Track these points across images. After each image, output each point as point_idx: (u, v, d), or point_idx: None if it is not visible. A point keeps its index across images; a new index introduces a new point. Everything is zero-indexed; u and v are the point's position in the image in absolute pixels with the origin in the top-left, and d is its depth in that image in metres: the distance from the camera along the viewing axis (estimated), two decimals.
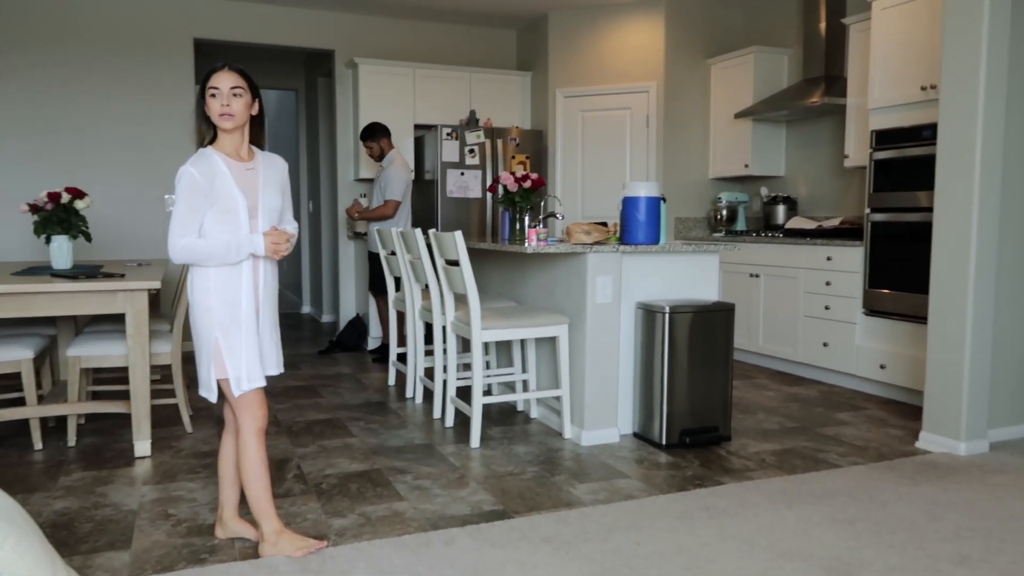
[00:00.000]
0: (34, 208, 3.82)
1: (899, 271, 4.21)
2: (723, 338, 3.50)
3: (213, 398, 2.28)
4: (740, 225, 5.91)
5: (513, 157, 6.16)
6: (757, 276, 5.21)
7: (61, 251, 3.86)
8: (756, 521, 2.58)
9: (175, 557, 2.35)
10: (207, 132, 2.29)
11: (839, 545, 2.39)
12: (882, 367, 4.33)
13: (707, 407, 3.49)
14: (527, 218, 4.38)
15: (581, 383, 3.51)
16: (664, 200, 3.60)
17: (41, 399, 3.82)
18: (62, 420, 3.82)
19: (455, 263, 3.48)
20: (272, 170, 2.38)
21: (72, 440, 3.55)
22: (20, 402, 3.58)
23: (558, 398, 3.69)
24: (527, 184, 4.25)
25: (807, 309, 4.83)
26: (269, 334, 2.37)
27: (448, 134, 6.00)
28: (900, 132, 4.22)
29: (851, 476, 3.04)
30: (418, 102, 6.31)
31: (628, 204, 3.51)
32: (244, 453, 2.30)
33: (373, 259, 5.51)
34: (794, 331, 4.94)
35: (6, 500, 1.65)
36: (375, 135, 5.50)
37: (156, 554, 2.37)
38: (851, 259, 4.51)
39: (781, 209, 5.60)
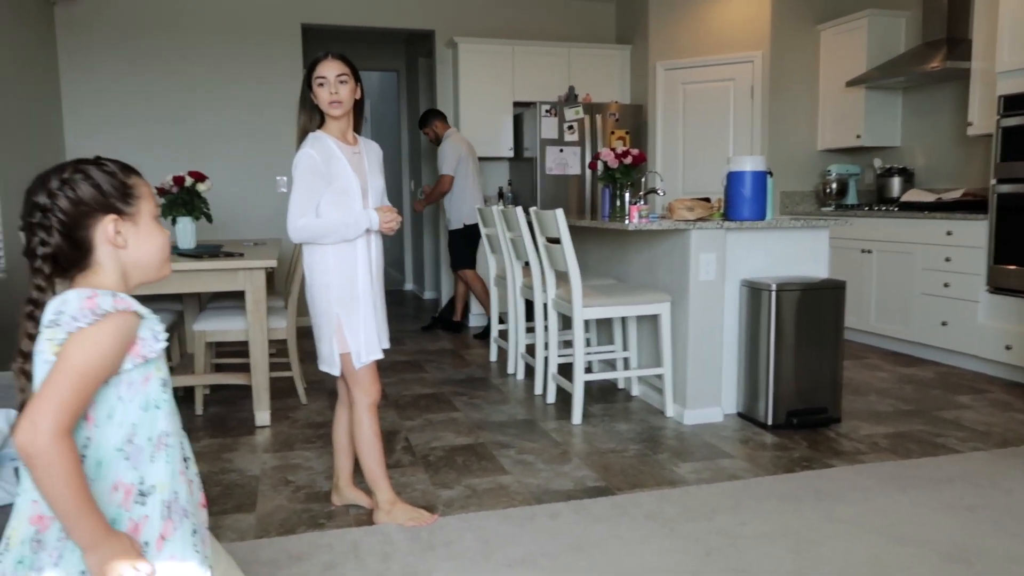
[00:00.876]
0: (161, 191, 4.09)
1: None
2: (833, 317, 3.39)
3: (336, 371, 2.39)
4: (851, 199, 5.66)
5: (612, 133, 6.10)
6: (869, 252, 4.99)
7: (186, 232, 4.12)
8: (867, 505, 2.50)
9: (295, 521, 2.50)
10: (311, 120, 2.38)
11: (957, 532, 2.30)
12: (1008, 348, 4.08)
13: (815, 387, 3.39)
14: (627, 195, 4.35)
15: (684, 361, 3.48)
16: (771, 174, 3.50)
17: (172, 370, 4.10)
18: (190, 390, 4.09)
19: (556, 241, 3.50)
20: (373, 154, 2.49)
21: (199, 409, 3.81)
22: None
23: (660, 376, 3.67)
24: (627, 160, 4.21)
25: (924, 286, 4.59)
26: (380, 309, 2.47)
27: (547, 111, 6.00)
28: None
29: (972, 462, 2.90)
30: (517, 79, 6.33)
31: (733, 179, 3.43)
32: (359, 426, 2.42)
33: (453, 236, 5.62)
34: (909, 309, 4.71)
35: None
36: (428, 121, 5.74)
37: (278, 517, 2.53)
38: (974, 233, 4.25)
39: (896, 181, 5.32)
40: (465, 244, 5.56)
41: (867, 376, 4.31)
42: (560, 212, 3.39)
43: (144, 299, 3.86)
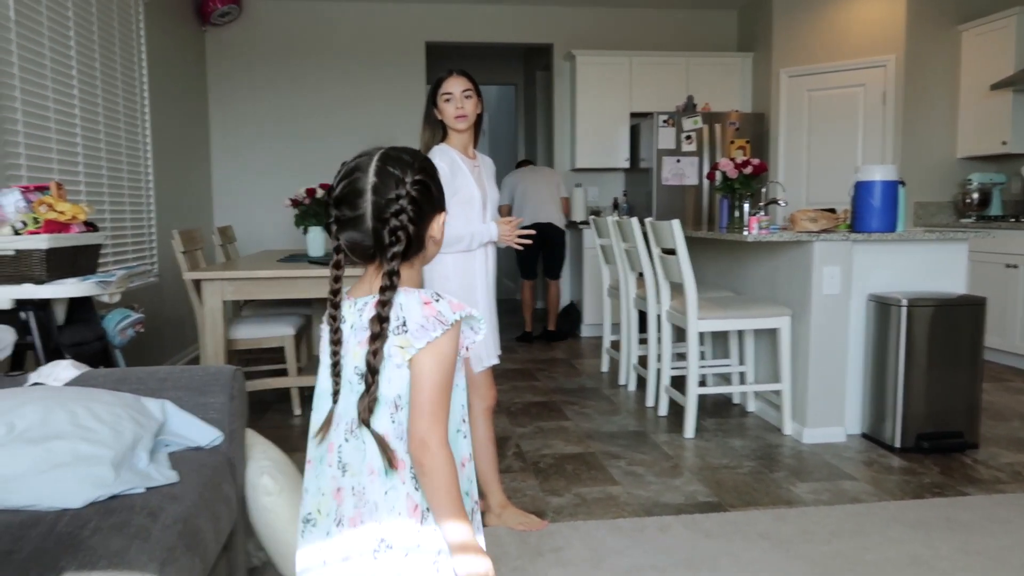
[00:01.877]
0: (295, 202, 4.35)
1: None
2: (971, 335, 3.18)
3: None
4: (995, 209, 5.28)
5: (732, 142, 5.97)
6: (1015, 267, 4.64)
7: (316, 240, 4.36)
8: (1007, 538, 2.34)
9: None
10: (435, 136, 2.48)
11: None
12: None
13: (949, 410, 3.19)
14: (747, 205, 4.25)
15: (804, 378, 3.36)
16: (903, 184, 3.33)
17: (300, 371, 4.35)
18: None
19: (672, 252, 3.47)
20: (489, 168, 2.58)
21: None
22: (283, 373, 4.09)
23: (778, 393, 3.55)
24: (748, 170, 4.12)
25: None
26: (495, 316, 2.53)
27: (664, 121, 5.95)
28: None
29: None
30: (634, 90, 6.31)
31: (861, 189, 3.29)
32: (474, 429, 2.49)
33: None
34: None
35: (281, 456, 1.94)
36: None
37: None
38: None
39: None
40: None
41: (1010, 400, 4.01)
42: (676, 223, 3.36)
43: (277, 303, 4.08)
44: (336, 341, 1.15)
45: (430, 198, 1.15)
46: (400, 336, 1.09)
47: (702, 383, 4.32)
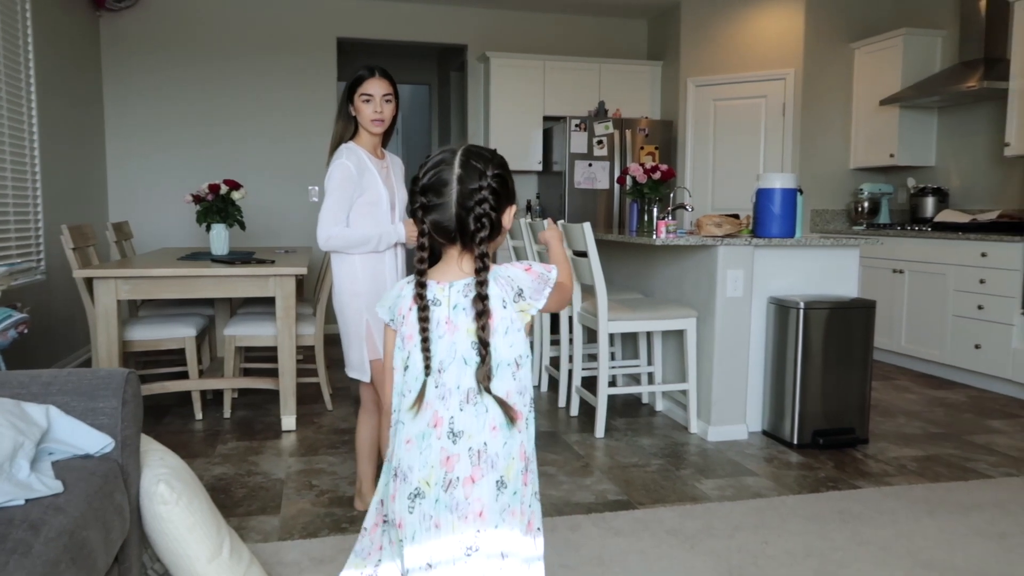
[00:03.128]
0: (197, 199, 4.17)
1: None
2: (862, 337, 3.35)
3: (366, 377, 2.43)
4: (883, 218, 5.60)
5: (642, 148, 6.11)
6: (901, 272, 4.93)
7: (219, 238, 4.20)
8: (894, 528, 2.47)
9: (318, 524, 2.53)
10: (347, 131, 2.43)
11: (986, 560, 2.26)
12: None
13: (843, 408, 3.35)
14: (656, 210, 4.35)
15: (709, 378, 3.46)
16: (801, 192, 3.48)
17: (201, 373, 4.17)
18: (219, 393, 4.16)
19: (583, 254, 3.51)
20: (398, 168, 2.55)
21: (228, 412, 3.86)
22: (184, 375, 3.92)
23: (684, 392, 3.65)
24: (656, 175, 4.22)
25: (957, 308, 4.52)
26: None
27: (576, 125, 6.03)
28: None
29: (1003, 488, 2.84)
30: (548, 94, 6.37)
31: (762, 196, 3.42)
32: (386, 431, 2.45)
33: None
34: (942, 331, 4.64)
35: (179, 462, 1.84)
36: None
37: (302, 520, 2.56)
38: (1010, 256, 4.18)
39: (930, 201, 5.26)
40: None
41: (896, 398, 4.25)
42: (587, 226, 3.40)
43: (178, 303, 3.92)
44: (425, 318, 1.28)
45: (507, 190, 1.32)
46: (519, 303, 1.29)
47: (612, 383, 4.39)
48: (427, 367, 1.29)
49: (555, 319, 5.15)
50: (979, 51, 4.89)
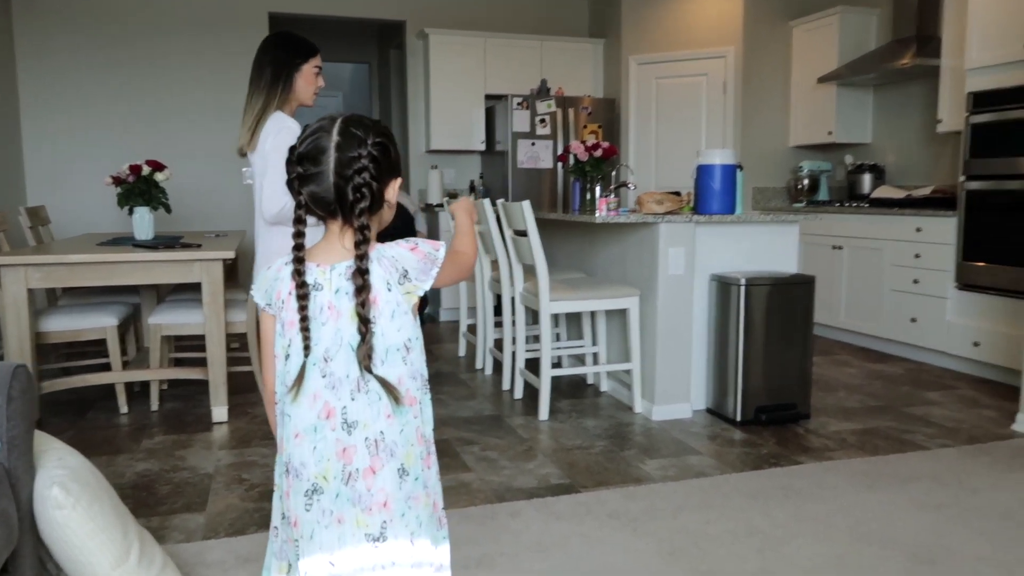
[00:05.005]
0: (117, 180, 3.94)
1: (997, 243, 3.94)
2: (802, 312, 3.35)
3: None
4: (823, 195, 5.65)
5: (585, 127, 6.04)
6: (840, 248, 4.98)
7: (143, 222, 3.98)
8: (835, 503, 2.46)
9: (247, 521, 2.40)
10: (276, 95, 2.30)
11: (924, 531, 2.26)
12: (975, 344, 4.08)
13: (784, 384, 3.35)
14: (598, 188, 4.29)
15: (652, 357, 3.42)
16: (741, 168, 3.45)
17: (127, 364, 3.97)
18: (146, 385, 3.96)
19: (523, 233, 3.42)
20: None
21: (155, 405, 3.68)
22: (108, 367, 3.72)
23: (628, 372, 3.61)
24: (598, 153, 4.15)
25: (893, 283, 4.59)
26: None
27: (519, 104, 5.92)
28: (1001, 94, 3.92)
29: (939, 459, 2.87)
30: (489, 72, 6.24)
31: (702, 172, 3.38)
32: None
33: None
34: (879, 306, 4.70)
35: (81, 462, 1.70)
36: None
37: (229, 517, 2.43)
38: (943, 230, 4.24)
39: (867, 178, 5.32)
40: None
41: (836, 372, 4.29)
42: (527, 204, 3.31)
43: (101, 291, 3.70)
44: (304, 296, 1.20)
45: (389, 160, 1.23)
46: (405, 284, 1.22)
47: (557, 364, 4.34)
48: (306, 348, 1.21)
49: (498, 300, 5.08)
50: (912, 28, 4.95)
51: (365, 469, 1.21)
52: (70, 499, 1.53)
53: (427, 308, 6.22)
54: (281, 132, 2.25)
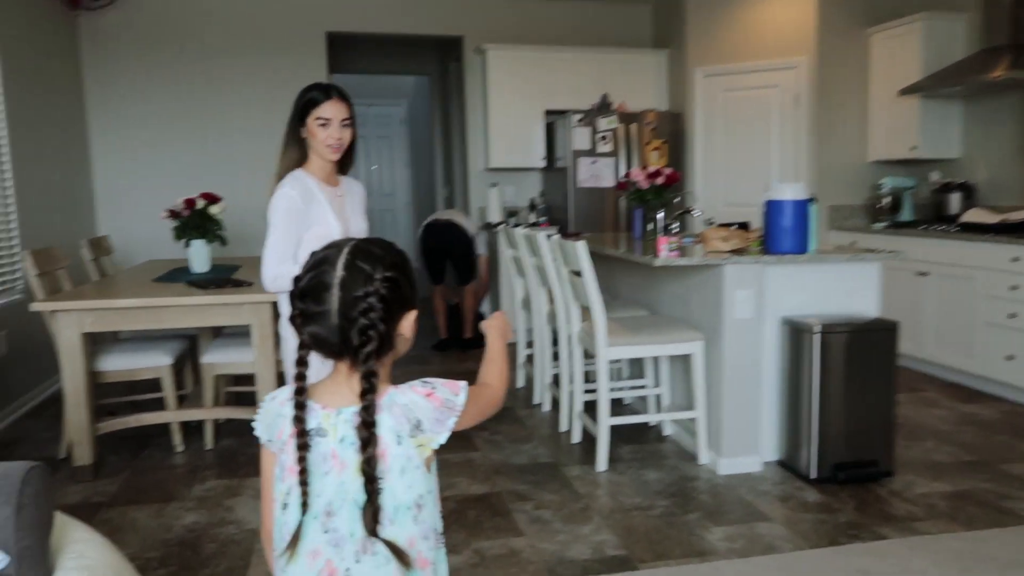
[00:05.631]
0: (173, 214, 3.95)
1: None
2: (884, 359, 3.08)
3: None
4: (906, 215, 5.27)
5: (648, 143, 5.81)
6: (926, 274, 4.62)
7: (199, 254, 3.99)
8: None
9: None
10: (296, 157, 2.20)
11: None
12: None
13: (865, 436, 3.08)
14: (661, 215, 4.08)
15: (718, 405, 3.21)
16: (814, 201, 3.19)
17: (184, 399, 3.96)
18: (201, 422, 3.95)
19: (580, 274, 3.25)
20: (357, 195, 2.32)
21: (210, 443, 3.66)
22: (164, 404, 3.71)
23: (693, 420, 3.39)
24: (659, 181, 3.94)
25: (987, 315, 4.22)
26: None
27: (579, 120, 5.73)
28: None
29: None
30: (548, 87, 6.07)
31: (772, 208, 3.14)
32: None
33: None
34: (971, 340, 4.34)
35: (100, 557, 1.62)
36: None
37: None
38: None
39: (955, 197, 4.93)
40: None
41: (924, 414, 3.97)
42: (582, 245, 3.14)
43: (153, 330, 3.60)
44: (303, 446, 1.08)
45: (400, 296, 1.11)
46: (417, 437, 1.09)
47: (617, 408, 4.14)
48: (304, 503, 1.09)
49: (555, 336, 4.92)
50: (1004, 36, 4.54)
51: None
52: None
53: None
54: (276, 194, 2.15)
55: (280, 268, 2.11)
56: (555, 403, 4.22)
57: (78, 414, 3.20)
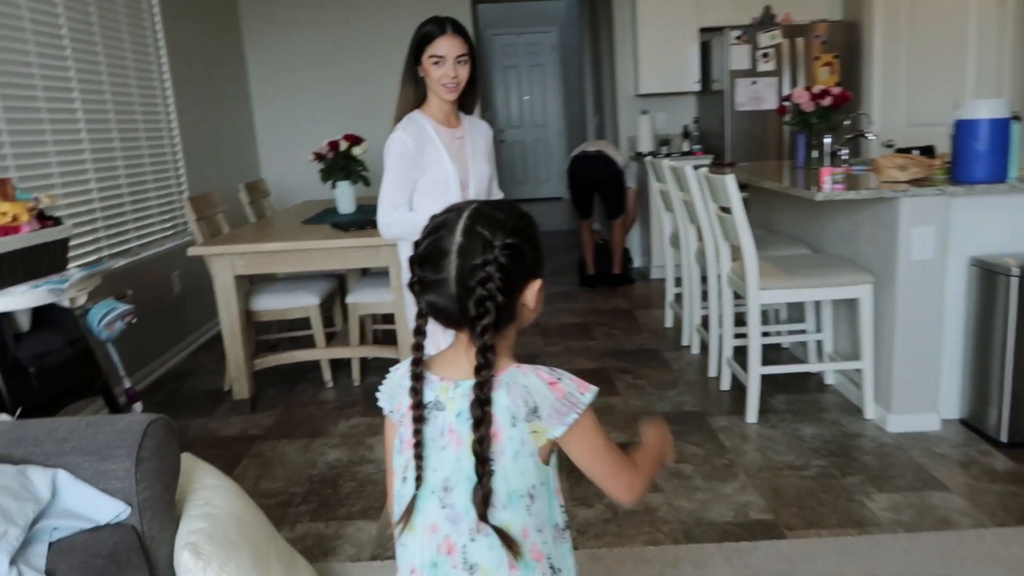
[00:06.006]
0: (319, 157, 4.03)
1: None
2: None
3: None
4: None
5: (817, 58, 5.22)
6: None
7: (345, 196, 4.06)
8: None
9: None
10: (413, 98, 2.08)
11: None
12: None
13: None
14: (828, 140, 3.64)
15: (889, 356, 2.84)
16: (1018, 119, 2.68)
17: (333, 336, 4.11)
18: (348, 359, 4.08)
19: (730, 210, 2.96)
20: (480, 137, 2.16)
21: (357, 380, 3.77)
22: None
23: (859, 371, 3.05)
24: (826, 101, 3.50)
25: None
26: None
27: (737, 38, 5.23)
28: None
29: None
30: (703, 2, 5.58)
31: (963, 129, 2.66)
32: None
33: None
34: None
35: (226, 504, 1.65)
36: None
37: None
38: None
39: None
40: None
41: None
42: (731, 179, 2.84)
43: (301, 272, 3.62)
44: (419, 418, 1.05)
45: (522, 264, 1.03)
46: (532, 422, 1.02)
47: (773, 350, 3.83)
48: (418, 479, 1.06)
49: (704, 274, 4.62)
50: None
51: None
52: (200, 563, 1.47)
53: (632, 264, 5.88)
54: (389, 139, 2.05)
55: (393, 215, 2.03)
56: (704, 346, 3.97)
57: (235, 351, 3.38)
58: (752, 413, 3.02)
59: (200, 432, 3.25)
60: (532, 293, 1.05)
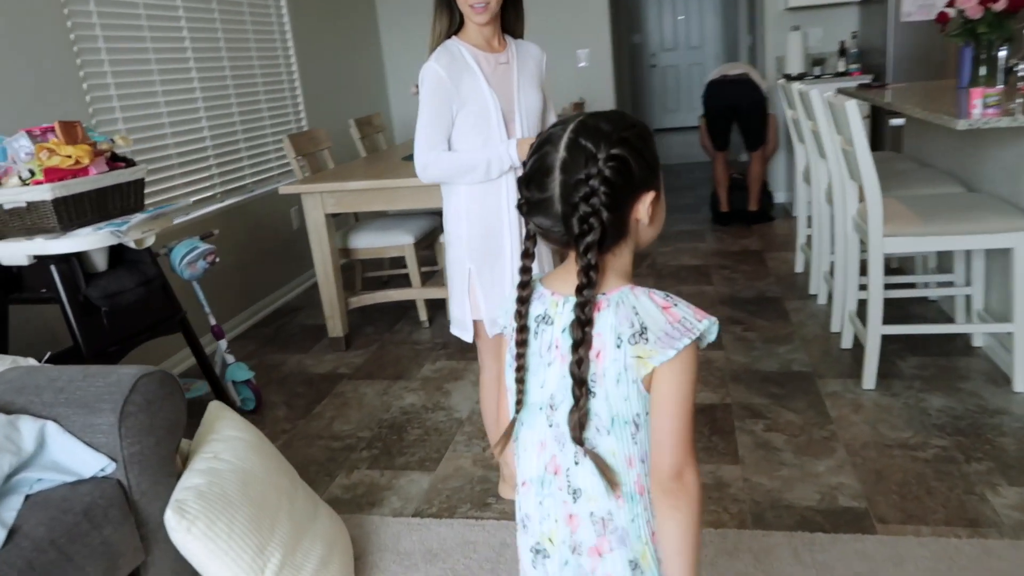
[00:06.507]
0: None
1: None
2: None
3: (469, 338, 2.00)
4: None
5: None
6: None
7: None
8: None
9: (463, 496, 2.21)
10: (447, 23, 1.87)
11: None
12: None
13: None
14: (1002, 54, 3.02)
15: None
16: None
17: (425, 279, 4.05)
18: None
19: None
20: (530, 61, 1.92)
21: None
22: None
23: (1010, 335, 2.56)
24: (998, 5, 2.88)
25: None
26: None
27: None
28: None
29: None
30: None
31: None
32: (488, 397, 2.06)
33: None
34: None
35: (232, 460, 1.61)
36: None
37: (451, 485, 2.27)
38: None
39: None
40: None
41: None
42: (852, 105, 2.40)
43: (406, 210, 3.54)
44: (522, 342, 1.02)
45: (630, 177, 0.95)
46: (637, 345, 0.95)
47: (919, 304, 3.33)
48: (518, 403, 1.04)
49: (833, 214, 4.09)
50: None
51: (591, 548, 1.01)
52: (184, 522, 1.43)
53: (772, 200, 5.36)
54: (421, 71, 1.84)
55: (429, 155, 1.86)
56: (831, 297, 3.53)
57: (328, 290, 3.40)
58: (870, 378, 2.63)
59: (294, 369, 3.32)
60: (644, 207, 0.97)
